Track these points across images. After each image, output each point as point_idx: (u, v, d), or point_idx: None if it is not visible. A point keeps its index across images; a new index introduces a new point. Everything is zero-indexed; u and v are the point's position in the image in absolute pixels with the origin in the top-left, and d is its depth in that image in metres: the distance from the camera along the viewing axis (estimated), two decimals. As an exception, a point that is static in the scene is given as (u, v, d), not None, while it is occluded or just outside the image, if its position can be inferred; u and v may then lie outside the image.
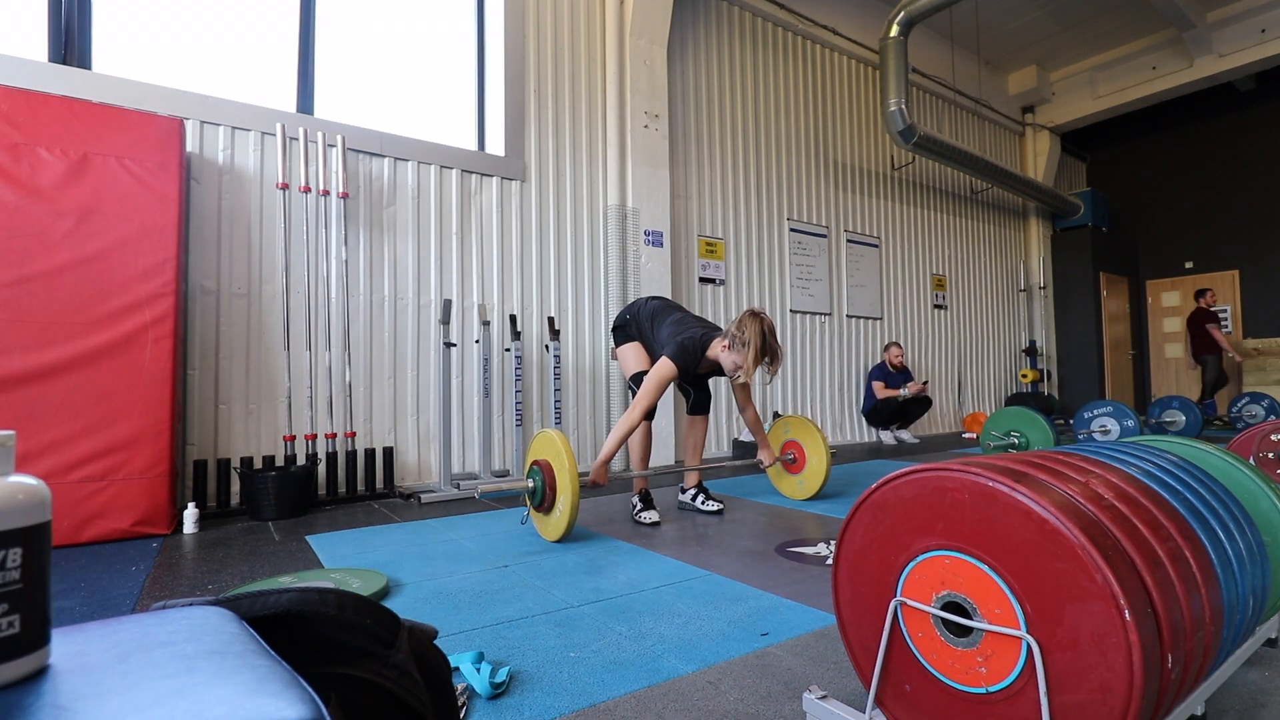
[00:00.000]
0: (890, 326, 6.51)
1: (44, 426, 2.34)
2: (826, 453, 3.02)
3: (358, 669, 0.48)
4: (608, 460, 2.45)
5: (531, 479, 2.35)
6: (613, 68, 4.48)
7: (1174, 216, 8.83)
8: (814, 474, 3.07)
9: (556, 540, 2.30)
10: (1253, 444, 2.08)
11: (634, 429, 2.48)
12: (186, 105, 3.06)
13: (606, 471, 2.46)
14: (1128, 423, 4.25)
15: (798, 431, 3.17)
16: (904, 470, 0.90)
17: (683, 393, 2.90)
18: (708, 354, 2.59)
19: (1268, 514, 1.15)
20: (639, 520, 2.64)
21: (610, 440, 2.46)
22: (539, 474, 2.31)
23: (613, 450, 2.45)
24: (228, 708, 0.30)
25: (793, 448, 3.17)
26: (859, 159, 6.36)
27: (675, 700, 1.14)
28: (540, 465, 2.33)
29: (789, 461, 3.17)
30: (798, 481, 3.15)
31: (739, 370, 2.46)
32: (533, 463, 2.40)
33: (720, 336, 2.56)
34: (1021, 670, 0.76)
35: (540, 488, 2.31)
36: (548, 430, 2.36)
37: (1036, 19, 7.10)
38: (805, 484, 3.11)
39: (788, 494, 3.22)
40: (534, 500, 2.37)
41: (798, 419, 3.20)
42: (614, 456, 2.48)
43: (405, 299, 3.66)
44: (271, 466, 3.03)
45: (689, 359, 2.55)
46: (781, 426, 3.27)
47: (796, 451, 3.15)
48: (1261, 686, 1.15)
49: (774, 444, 3.24)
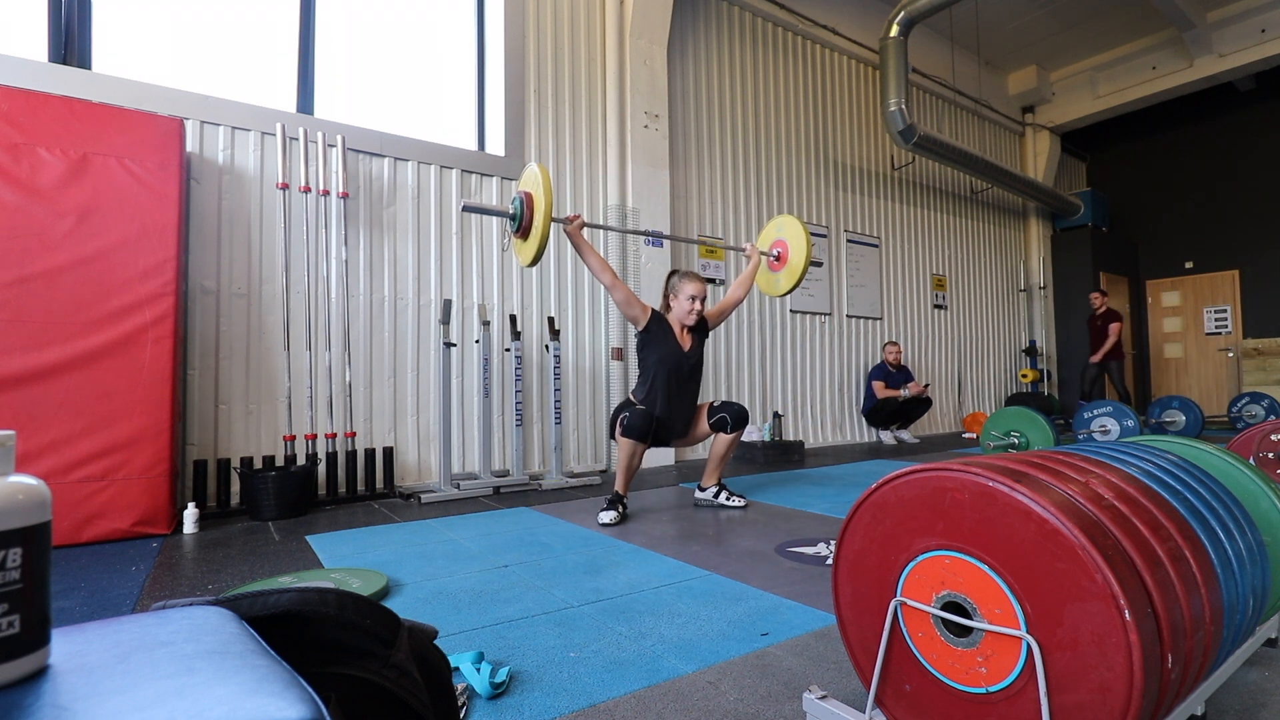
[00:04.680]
0: (890, 326, 6.51)
1: (44, 426, 2.34)
2: (807, 246, 3.06)
3: (358, 669, 0.48)
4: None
5: (514, 204, 2.54)
6: (613, 68, 4.48)
7: (1174, 216, 8.83)
8: (792, 270, 3.12)
9: (528, 265, 2.54)
10: (1253, 444, 2.08)
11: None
12: (186, 105, 3.06)
13: (580, 230, 2.65)
14: (1128, 423, 4.26)
15: (789, 231, 3.18)
16: (904, 470, 0.90)
17: (718, 427, 2.88)
18: (673, 327, 2.88)
19: (1268, 514, 1.15)
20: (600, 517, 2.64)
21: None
22: (520, 202, 2.50)
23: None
24: (228, 708, 0.30)
25: (780, 245, 3.20)
26: (859, 159, 6.36)
27: (675, 700, 1.14)
28: (523, 195, 2.52)
29: (773, 259, 3.21)
30: (776, 279, 3.21)
31: (693, 304, 2.85)
32: (519, 192, 2.55)
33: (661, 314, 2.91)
34: (1021, 670, 0.76)
35: (520, 213, 2.49)
36: (537, 165, 2.50)
37: (1036, 19, 7.10)
38: (782, 282, 3.18)
39: (764, 289, 3.32)
40: (514, 225, 2.54)
41: (791, 219, 3.19)
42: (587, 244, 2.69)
43: (405, 299, 3.66)
44: (271, 466, 3.03)
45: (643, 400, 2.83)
46: (775, 226, 3.27)
47: (783, 250, 3.19)
48: (1261, 686, 1.15)
49: (766, 241, 3.29)
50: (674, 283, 2.93)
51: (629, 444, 2.70)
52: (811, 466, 4.31)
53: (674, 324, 2.90)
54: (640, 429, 2.69)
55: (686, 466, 4.38)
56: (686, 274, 2.93)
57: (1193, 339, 8.66)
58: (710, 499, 2.95)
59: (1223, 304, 8.35)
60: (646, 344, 2.85)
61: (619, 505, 2.69)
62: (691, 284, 2.88)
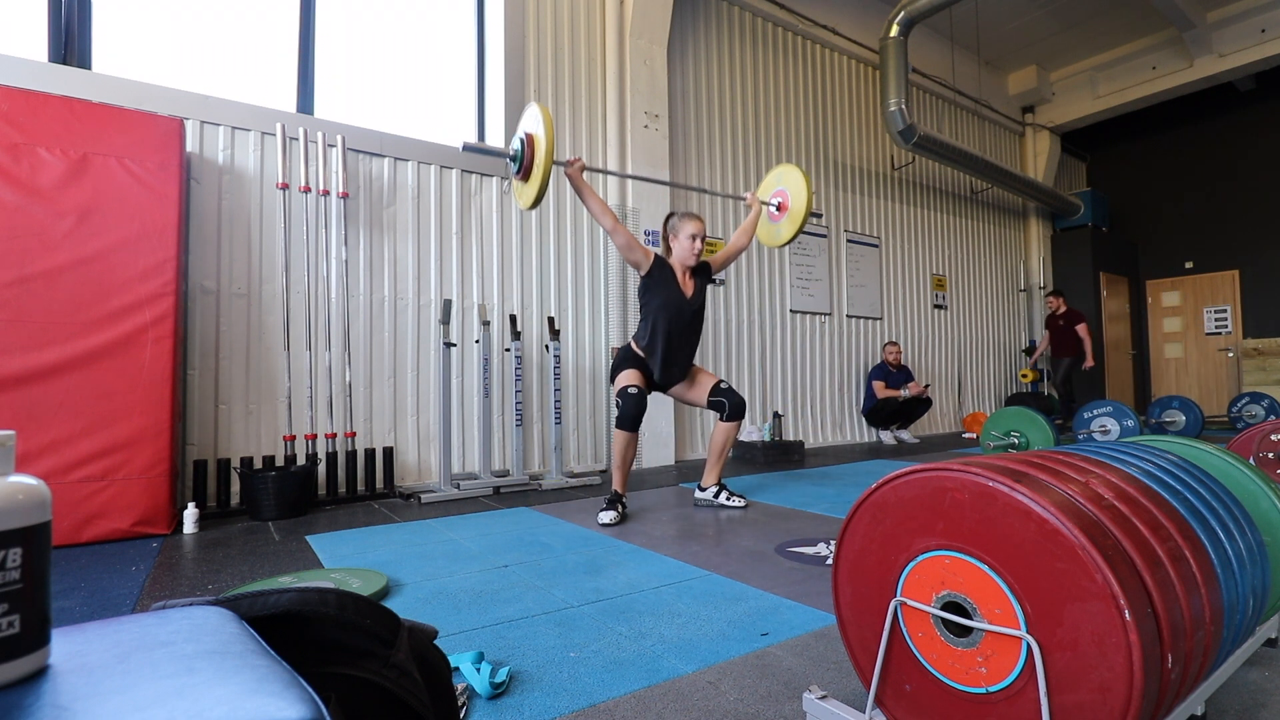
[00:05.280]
0: (890, 326, 6.51)
1: (44, 426, 2.33)
2: (808, 193, 3.04)
3: (358, 669, 0.48)
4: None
5: (516, 145, 2.50)
6: (613, 68, 4.48)
7: (1174, 216, 8.83)
8: (794, 215, 3.09)
9: (527, 207, 2.51)
10: (1253, 444, 2.08)
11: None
12: (186, 105, 3.06)
13: (581, 173, 2.62)
14: (1128, 423, 4.25)
15: (789, 179, 3.16)
16: (904, 470, 0.90)
17: (716, 409, 2.91)
18: (676, 271, 2.85)
19: (1268, 514, 1.15)
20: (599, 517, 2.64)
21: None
22: (522, 144, 2.46)
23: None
24: (228, 708, 0.30)
25: (780, 195, 3.17)
26: (859, 159, 6.36)
27: (675, 700, 1.14)
28: (525, 136, 2.48)
29: (774, 210, 3.19)
30: (777, 229, 3.19)
31: (694, 243, 2.83)
32: (521, 133, 2.51)
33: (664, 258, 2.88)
34: (1021, 670, 0.76)
35: (521, 154, 2.45)
36: (538, 104, 2.45)
37: (1036, 19, 7.10)
38: (784, 230, 3.15)
39: (766, 241, 3.29)
40: (515, 166, 2.50)
41: (791, 168, 3.17)
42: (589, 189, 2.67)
43: (405, 299, 3.66)
44: (271, 466, 3.03)
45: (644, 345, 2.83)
46: (775, 175, 3.25)
47: (784, 199, 3.16)
48: (1261, 686, 1.15)
49: (767, 191, 3.26)
50: (673, 224, 2.89)
51: (622, 436, 2.72)
52: (811, 466, 4.31)
53: (676, 268, 2.87)
54: (632, 417, 2.70)
55: (686, 466, 4.38)
56: (685, 214, 2.89)
57: (1193, 339, 8.66)
58: (710, 499, 2.95)
59: (1223, 304, 8.35)
60: (649, 289, 2.83)
61: (618, 505, 2.70)
62: (691, 223, 2.84)
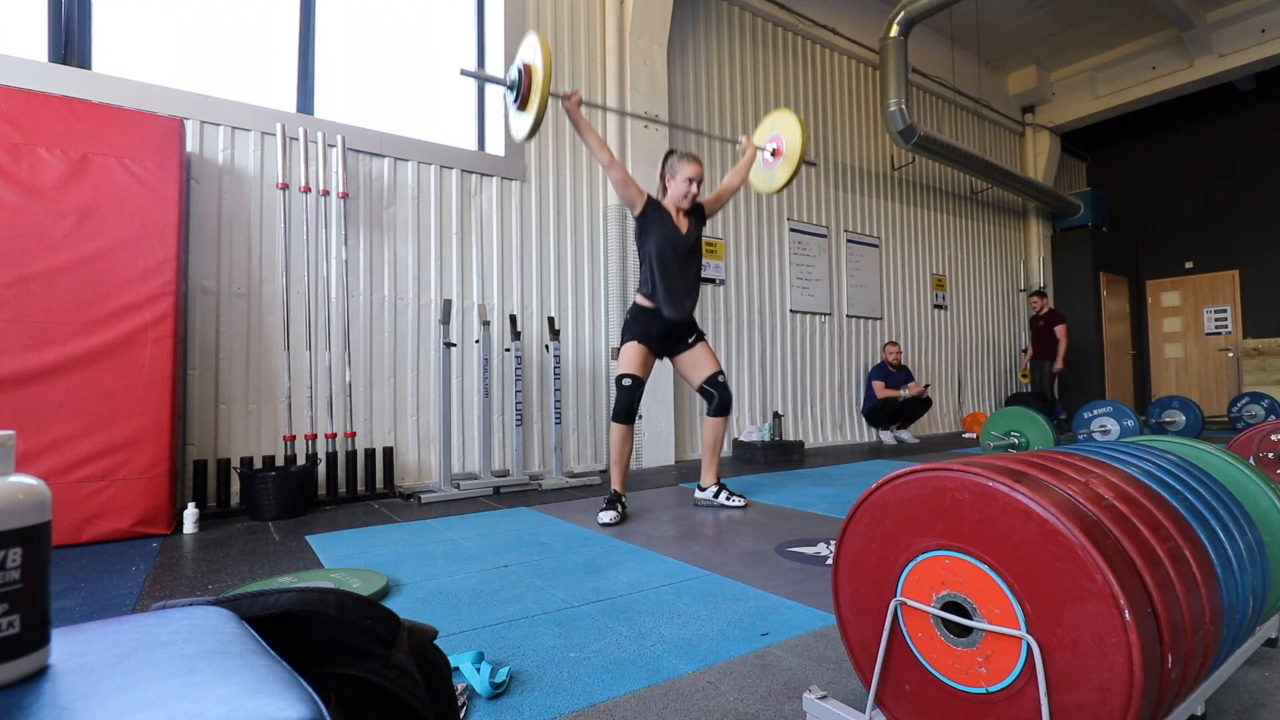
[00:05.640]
0: (890, 326, 6.51)
1: (44, 426, 2.33)
2: (804, 137, 3.02)
3: (358, 669, 0.48)
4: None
5: (513, 74, 2.50)
6: (613, 68, 4.48)
7: (1174, 216, 8.83)
8: (790, 159, 3.07)
9: (524, 138, 2.48)
10: (1253, 444, 2.08)
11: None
12: (186, 105, 3.06)
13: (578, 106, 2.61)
14: (1128, 423, 4.25)
15: (784, 125, 3.14)
16: (904, 470, 0.90)
17: (705, 396, 2.93)
18: (671, 214, 2.83)
19: (1268, 514, 1.15)
20: (599, 517, 2.65)
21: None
22: (520, 72, 2.46)
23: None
24: (228, 708, 0.30)
25: (776, 140, 3.16)
26: (859, 159, 6.36)
27: (675, 700, 1.14)
28: (523, 66, 2.47)
29: (768, 156, 3.18)
30: (772, 174, 3.18)
31: (690, 186, 2.80)
32: (519, 63, 2.51)
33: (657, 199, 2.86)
34: (1021, 670, 0.76)
35: (518, 83, 2.46)
36: (536, 34, 2.43)
37: (1036, 19, 7.10)
38: (779, 174, 3.13)
39: (761, 188, 3.27)
40: (513, 95, 2.49)
41: (786, 114, 3.14)
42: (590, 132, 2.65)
43: (405, 299, 3.66)
44: (271, 466, 3.03)
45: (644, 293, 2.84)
46: (770, 122, 3.23)
47: (779, 144, 3.15)
48: (1261, 686, 1.15)
49: (762, 137, 3.24)
50: (672, 163, 2.86)
51: (618, 430, 2.74)
52: (811, 466, 4.31)
53: (670, 208, 2.86)
54: (626, 408, 2.73)
55: (686, 466, 4.38)
56: (685, 155, 2.86)
57: (1193, 339, 8.66)
58: (710, 499, 2.95)
59: (1223, 304, 8.35)
60: (644, 230, 2.83)
61: (618, 504, 2.70)
62: (690, 165, 2.81)
